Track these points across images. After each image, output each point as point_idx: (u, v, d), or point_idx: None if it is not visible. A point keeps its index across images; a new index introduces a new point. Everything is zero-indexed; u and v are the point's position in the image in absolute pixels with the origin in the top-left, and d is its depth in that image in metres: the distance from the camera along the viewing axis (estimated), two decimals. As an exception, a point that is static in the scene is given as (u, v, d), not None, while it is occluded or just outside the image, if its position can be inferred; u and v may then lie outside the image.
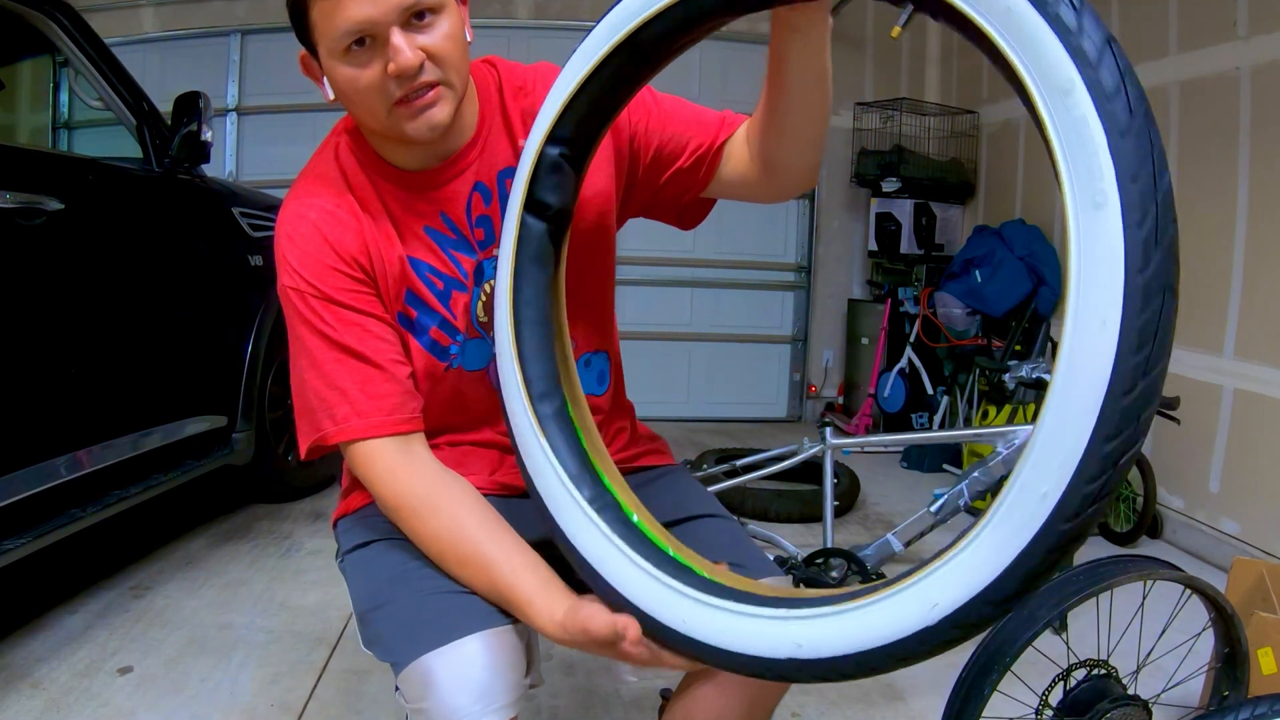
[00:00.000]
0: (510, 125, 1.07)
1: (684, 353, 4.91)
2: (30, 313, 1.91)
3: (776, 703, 1.09)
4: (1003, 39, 0.64)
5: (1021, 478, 0.64)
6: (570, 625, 0.87)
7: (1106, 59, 0.61)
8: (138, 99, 2.54)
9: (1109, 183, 0.61)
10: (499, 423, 1.10)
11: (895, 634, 0.70)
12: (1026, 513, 0.64)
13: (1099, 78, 0.61)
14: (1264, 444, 2.70)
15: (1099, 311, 0.61)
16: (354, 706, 1.86)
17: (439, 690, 0.88)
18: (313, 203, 1.01)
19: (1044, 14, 0.62)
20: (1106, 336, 0.60)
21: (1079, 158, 0.62)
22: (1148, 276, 0.60)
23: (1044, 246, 3.89)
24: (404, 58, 0.90)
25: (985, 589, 0.65)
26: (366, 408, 0.98)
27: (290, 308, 1.01)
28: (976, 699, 1.29)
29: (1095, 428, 0.60)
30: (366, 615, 1.02)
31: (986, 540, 0.66)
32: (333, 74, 0.94)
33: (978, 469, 2.33)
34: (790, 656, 0.75)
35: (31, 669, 1.92)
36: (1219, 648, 1.53)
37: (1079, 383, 0.61)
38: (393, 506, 0.98)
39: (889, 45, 4.87)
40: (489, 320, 1.08)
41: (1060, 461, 0.62)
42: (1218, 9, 2.92)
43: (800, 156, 1.04)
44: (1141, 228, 0.60)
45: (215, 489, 3.08)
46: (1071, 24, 0.62)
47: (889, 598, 0.71)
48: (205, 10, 4.57)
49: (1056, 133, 0.62)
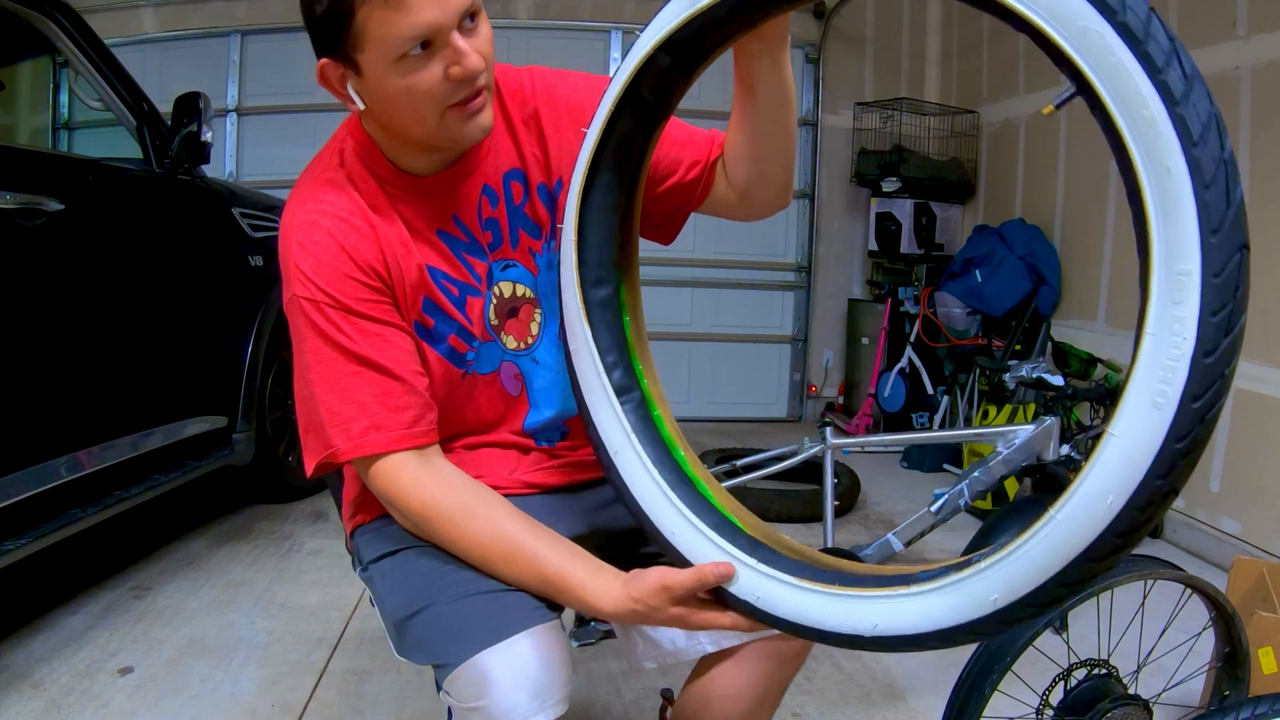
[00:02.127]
0: (513, 127, 1.07)
1: (684, 353, 4.91)
2: (30, 313, 1.91)
3: (792, 678, 1.12)
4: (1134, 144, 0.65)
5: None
6: (639, 591, 0.87)
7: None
8: (138, 99, 2.54)
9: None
10: (514, 422, 1.12)
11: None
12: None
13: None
14: (1264, 444, 2.70)
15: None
16: (355, 707, 1.86)
17: (497, 688, 0.88)
18: (325, 209, 0.99)
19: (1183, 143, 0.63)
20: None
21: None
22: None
23: (1044, 246, 3.88)
24: (471, 61, 0.89)
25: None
26: (387, 421, 0.96)
27: (302, 319, 0.97)
28: (977, 699, 1.29)
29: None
30: (403, 622, 0.99)
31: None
32: (382, 81, 0.90)
33: (978, 469, 2.33)
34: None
35: (32, 669, 1.92)
36: (1219, 647, 1.53)
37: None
38: (424, 517, 0.97)
39: (889, 45, 4.87)
40: (500, 324, 1.08)
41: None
42: (1218, 8, 2.92)
43: (770, 177, 1.07)
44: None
45: (216, 489, 3.08)
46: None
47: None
48: (205, 11, 4.57)
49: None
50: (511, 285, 1.09)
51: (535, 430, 1.13)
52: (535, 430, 1.13)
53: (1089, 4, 0.64)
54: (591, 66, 4.68)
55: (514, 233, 1.08)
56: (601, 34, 4.70)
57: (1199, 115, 0.62)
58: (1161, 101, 0.62)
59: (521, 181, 1.07)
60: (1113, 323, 3.50)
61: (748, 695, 1.08)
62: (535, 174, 1.07)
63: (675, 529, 0.90)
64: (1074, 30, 0.65)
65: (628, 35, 4.68)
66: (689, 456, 0.96)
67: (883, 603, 0.78)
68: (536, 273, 1.09)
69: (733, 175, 1.08)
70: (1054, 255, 3.86)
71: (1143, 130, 0.63)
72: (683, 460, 0.95)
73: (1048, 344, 3.74)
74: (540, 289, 1.10)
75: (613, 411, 0.95)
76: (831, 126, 4.87)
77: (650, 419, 0.96)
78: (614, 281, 0.99)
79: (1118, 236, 3.50)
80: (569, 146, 1.04)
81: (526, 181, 1.07)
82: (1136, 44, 0.63)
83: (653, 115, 0.95)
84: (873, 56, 4.88)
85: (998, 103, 4.37)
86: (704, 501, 0.92)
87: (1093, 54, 0.64)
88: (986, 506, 3.09)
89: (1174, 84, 0.62)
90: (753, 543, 0.88)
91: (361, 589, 2.39)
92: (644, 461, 0.93)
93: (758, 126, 1.02)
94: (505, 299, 1.09)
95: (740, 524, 0.90)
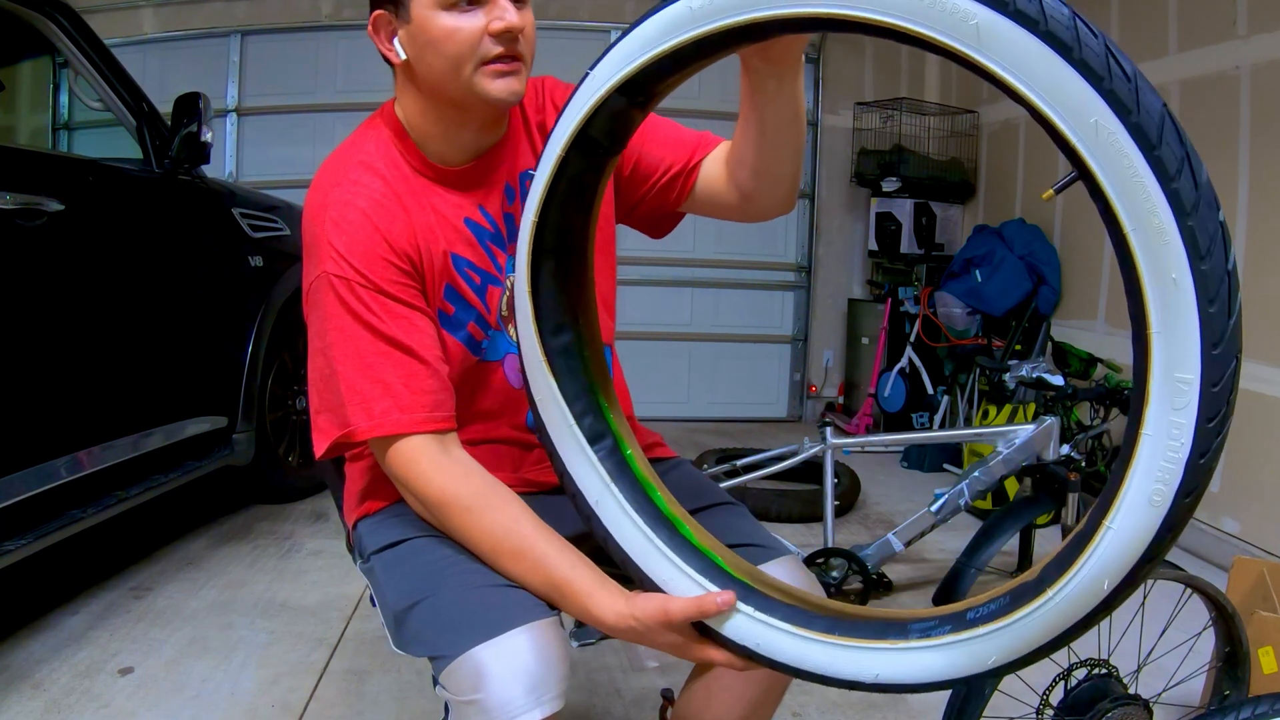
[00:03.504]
0: (530, 130, 1.11)
1: (684, 353, 4.91)
2: (30, 314, 1.91)
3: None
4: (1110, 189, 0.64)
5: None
6: (641, 612, 0.87)
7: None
8: (138, 100, 2.54)
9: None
10: (515, 416, 1.13)
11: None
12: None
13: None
14: (1264, 444, 2.70)
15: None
16: (355, 707, 1.86)
17: (492, 682, 0.88)
18: (359, 190, 1.00)
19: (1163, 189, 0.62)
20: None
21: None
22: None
23: (1044, 246, 3.89)
24: (512, 16, 0.96)
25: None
26: (410, 402, 0.97)
27: (330, 295, 0.97)
28: (977, 699, 1.29)
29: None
30: (403, 613, 1.00)
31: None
32: (427, 25, 0.96)
33: (978, 469, 2.33)
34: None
35: (32, 670, 1.92)
36: (1220, 647, 1.53)
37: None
38: (440, 504, 0.97)
39: (889, 45, 4.84)
40: (509, 314, 1.10)
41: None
42: (1218, 8, 2.92)
43: (774, 187, 1.08)
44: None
45: (216, 490, 3.08)
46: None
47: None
48: (205, 11, 4.57)
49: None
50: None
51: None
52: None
53: (1102, 99, 0.61)
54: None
55: None
56: (601, 34, 4.70)
57: (1208, 229, 0.61)
58: (1172, 212, 0.61)
59: None
60: (1112, 323, 3.50)
61: (750, 693, 1.09)
62: None
63: (665, 576, 0.90)
64: (1085, 125, 0.62)
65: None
66: (664, 494, 0.95)
67: (884, 654, 0.80)
68: None
69: (736, 179, 1.09)
70: (1054, 255, 3.86)
71: (1150, 239, 0.62)
72: (659, 500, 0.94)
73: (1048, 344, 3.74)
74: None
75: (588, 462, 0.94)
76: (831, 126, 4.87)
77: (624, 462, 0.95)
78: (572, 328, 0.95)
79: (1118, 236, 3.49)
80: None
81: None
82: (1149, 148, 0.61)
83: (605, 153, 0.90)
84: (873, 56, 4.88)
85: (998, 103, 4.36)
86: (688, 545, 0.92)
87: (1104, 153, 0.62)
88: (986, 506, 3.09)
89: (1185, 194, 0.61)
90: (745, 589, 0.88)
91: (362, 589, 2.39)
92: (627, 511, 0.92)
93: (761, 141, 1.03)
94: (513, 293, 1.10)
95: (725, 565, 0.90)
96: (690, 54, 0.78)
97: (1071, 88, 0.62)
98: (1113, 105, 0.61)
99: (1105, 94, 0.61)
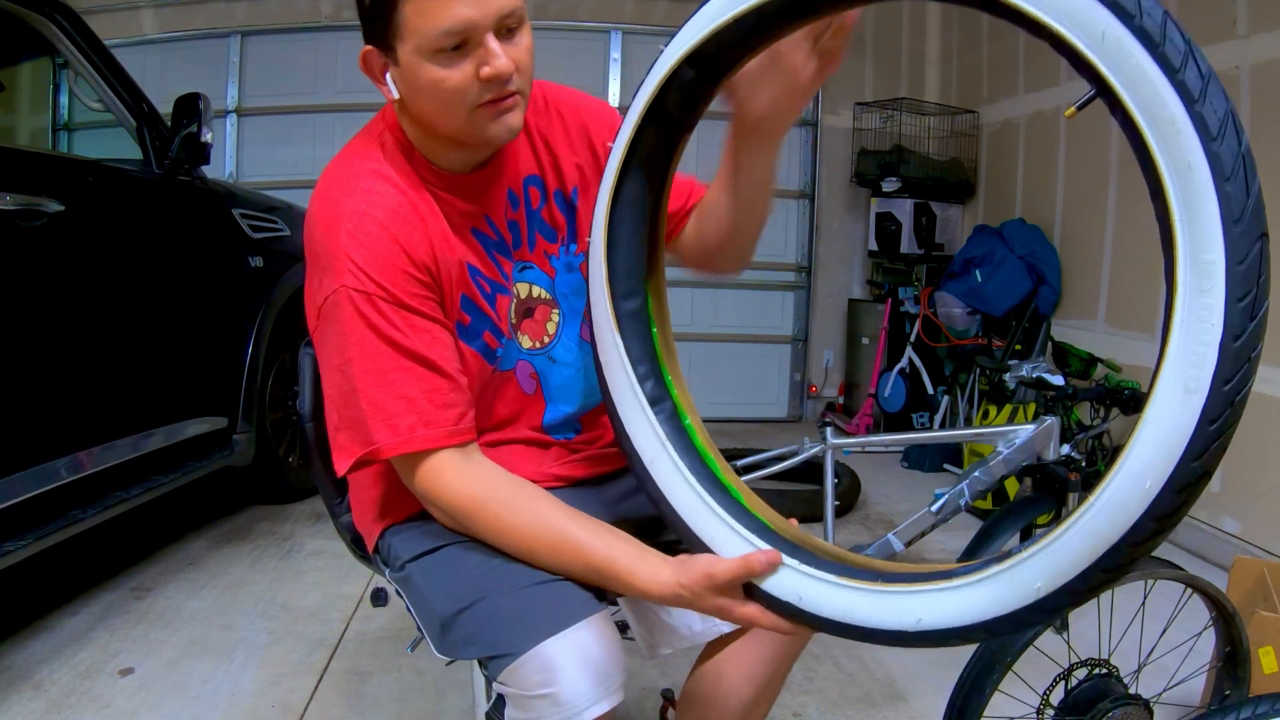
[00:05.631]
0: (530, 135, 1.11)
1: (684, 353, 4.79)
2: (31, 315, 1.91)
3: (799, 653, 1.17)
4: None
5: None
6: (686, 578, 0.88)
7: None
8: (137, 100, 2.54)
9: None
10: (532, 419, 1.14)
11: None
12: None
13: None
14: (1265, 443, 2.70)
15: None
16: (355, 708, 1.86)
17: (564, 676, 0.89)
18: (375, 201, 0.98)
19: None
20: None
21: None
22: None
23: (1044, 246, 3.88)
24: (501, 63, 0.92)
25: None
26: (434, 417, 0.96)
27: (350, 310, 0.95)
28: (978, 699, 1.29)
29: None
30: (451, 618, 0.99)
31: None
32: (415, 72, 0.94)
33: (979, 468, 2.32)
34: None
35: (33, 670, 1.92)
36: (1220, 647, 1.53)
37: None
38: (468, 513, 0.97)
39: (889, 45, 4.86)
40: (517, 323, 1.11)
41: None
42: (1218, 8, 2.92)
43: (735, 245, 1.12)
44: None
45: (216, 490, 3.08)
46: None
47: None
48: (205, 12, 4.57)
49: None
50: (528, 286, 1.12)
51: (553, 426, 1.15)
52: (553, 426, 1.15)
53: (1107, 9, 0.66)
54: (591, 66, 4.69)
55: (531, 236, 1.11)
56: (601, 34, 4.70)
57: (1216, 112, 0.64)
58: (1180, 101, 0.64)
59: (539, 187, 1.11)
60: (1113, 322, 3.50)
61: (761, 672, 1.11)
62: (551, 180, 1.11)
63: (715, 534, 0.91)
64: (1093, 35, 0.67)
65: (627, 35, 4.68)
66: (721, 465, 0.96)
67: (926, 596, 0.78)
68: (553, 274, 1.12)
69: (702, 232, 1.13)
70: (1054, 255, 3.86)
71: (1163, 129, 0.65)
72: (716, 468, 0.96)
73: (1048, 344, 3.74)
74: (558, 290, 1.13)
75: (647, 422, 0.96)
76: (831, 126, 4.87)
77: (683, 428, 0.97)
78: (643, 293, 1.00)
79: (1117, 236, 3.50)
80: (575, 161, 1.11)
81: (544, 187, 1.11)
82: (1154, 47, 0.65)
83: (677, 127, 0.96)
84: (873, 56, 4.88)
85: (997, 103, 4.37)
86: (740, 507, 0.92)
87: (1112, 58, 0.66)
88: (987, 506, 3.09)
89: (1191, 83, 0.64)
90: (792, 545, 0.88)
91: (362, 589, 2.39)
92: (681, 470, 0.94)
93: (733, 200, 1.07)
94: (522, 300, 1.11)
95: (775, 528, 0.91)
96: (752, 25, 0.85)
97: (1079, 4, 0.67)
98: (1117, 13, 0.66)
99: (1109, 4, 0.66)
